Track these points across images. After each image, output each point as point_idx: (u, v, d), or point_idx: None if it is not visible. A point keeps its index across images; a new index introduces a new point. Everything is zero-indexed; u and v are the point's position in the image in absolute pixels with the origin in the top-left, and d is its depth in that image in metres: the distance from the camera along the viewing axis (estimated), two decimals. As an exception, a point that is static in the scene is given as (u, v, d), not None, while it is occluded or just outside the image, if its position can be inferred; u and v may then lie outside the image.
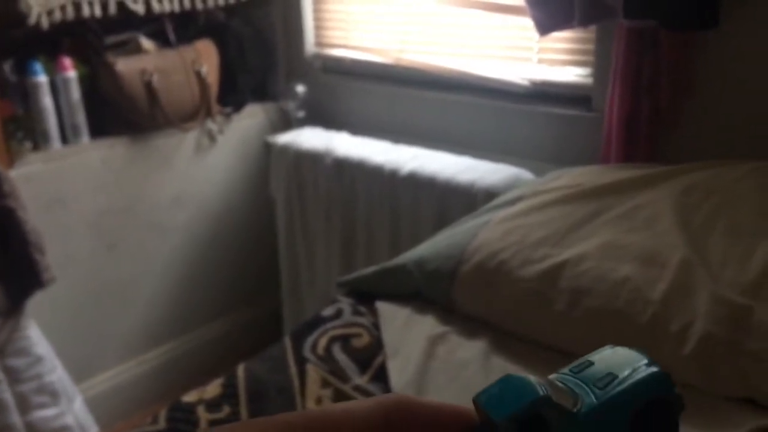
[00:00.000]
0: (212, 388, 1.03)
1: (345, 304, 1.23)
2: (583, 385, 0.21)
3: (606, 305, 0.98)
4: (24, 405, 1.47)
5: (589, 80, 1.55)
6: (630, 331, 0.95)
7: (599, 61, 1.51)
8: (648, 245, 1.03)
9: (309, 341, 1.13)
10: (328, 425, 0.22)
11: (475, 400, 0.22)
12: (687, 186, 1.15)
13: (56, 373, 1.54)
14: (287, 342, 1.14)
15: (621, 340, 0.96)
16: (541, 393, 0.21)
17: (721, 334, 0.89)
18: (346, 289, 1.29)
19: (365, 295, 1.25)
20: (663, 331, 0.93)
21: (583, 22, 1.39)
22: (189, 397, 1.01)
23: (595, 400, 0.21)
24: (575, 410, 0.21)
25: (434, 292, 1.16)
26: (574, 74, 1.59)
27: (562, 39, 1.58)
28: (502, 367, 1.01)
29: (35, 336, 1.51)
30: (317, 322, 1.18)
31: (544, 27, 1.45)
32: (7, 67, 1.66)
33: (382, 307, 1.19)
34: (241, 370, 1.06)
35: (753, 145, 1.33)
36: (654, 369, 0.22)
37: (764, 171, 1.17)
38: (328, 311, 1.21)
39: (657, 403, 0.21)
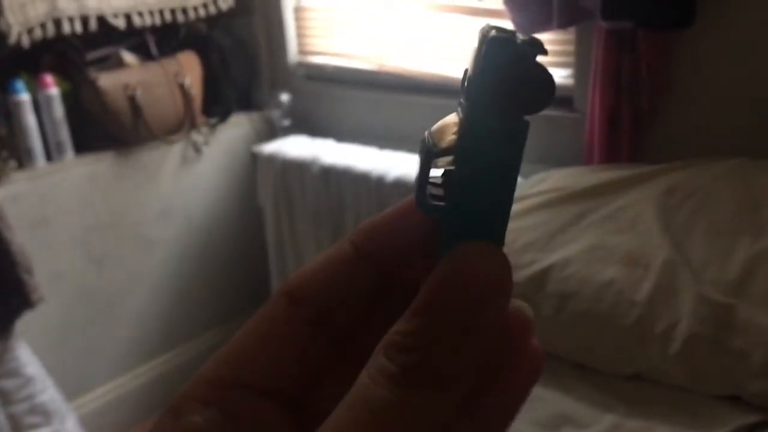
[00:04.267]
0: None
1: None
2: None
3: (592, 308, 0.99)
4: (17, 426, 1.47)
5: (570, 81, 1.56)
6: (616, 333, 0.96)
7: (580, 63, 1.52)
8: (632, 247, 1.04)
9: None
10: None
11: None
12: (668, 186, 1.16)
13: (48, 392, 1.53)
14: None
15: (607, 342, 0.97)
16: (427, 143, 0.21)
17: (706, 333, 0.90)
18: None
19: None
20: (649, 332, 0.94)
21: (562, 25, 1.40)
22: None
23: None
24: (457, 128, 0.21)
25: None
26: (555, 75, 1.60)
27: (542, 41, 1.58)
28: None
29: (25, 356, 1.50)
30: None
31: (524, 29, 1.46)
32: (-11, 86, 1.66)
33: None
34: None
35: (731, 143, 1.35)
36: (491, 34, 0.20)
37: (742, 169, 1.19)
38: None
39: (517, 62, 0.19)
